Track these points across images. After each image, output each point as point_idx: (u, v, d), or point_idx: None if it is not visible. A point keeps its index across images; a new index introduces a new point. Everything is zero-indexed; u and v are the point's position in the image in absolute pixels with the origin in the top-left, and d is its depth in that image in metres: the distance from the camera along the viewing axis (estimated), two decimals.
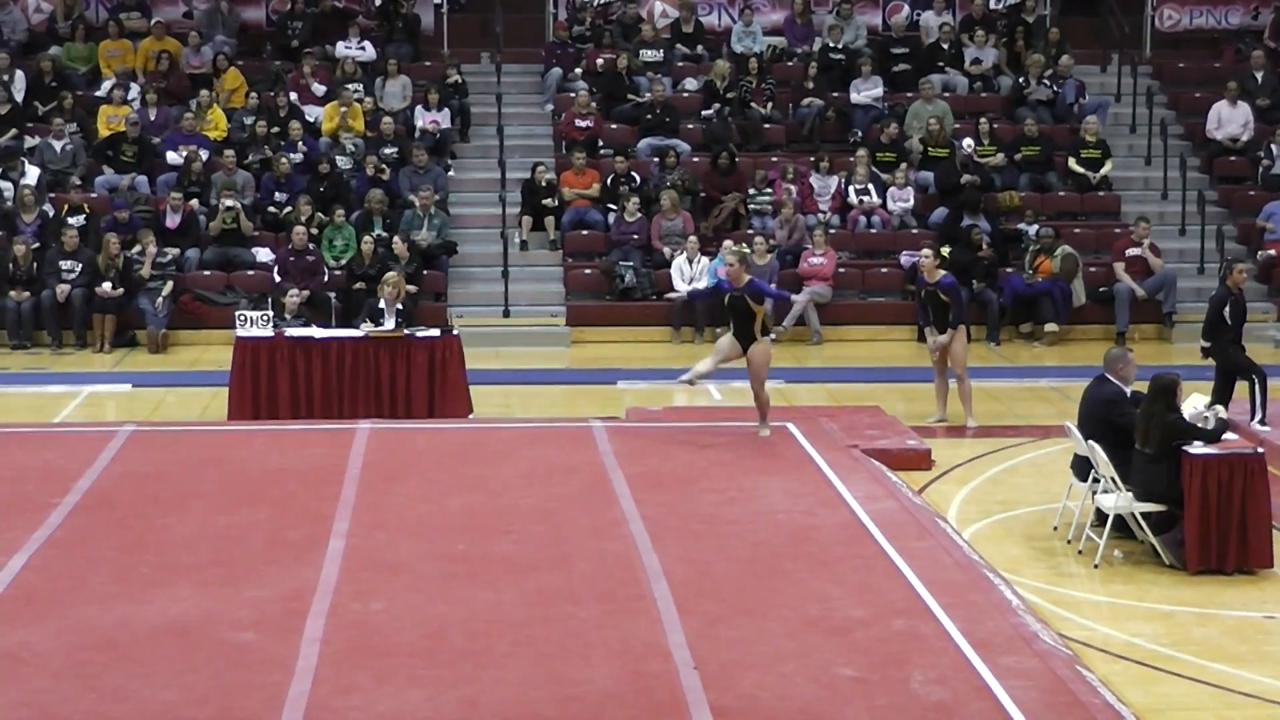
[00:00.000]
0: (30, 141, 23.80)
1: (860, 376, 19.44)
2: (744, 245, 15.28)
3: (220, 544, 11.70)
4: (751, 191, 23.46)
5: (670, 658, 9.50)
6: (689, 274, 21.99)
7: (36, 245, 21.88)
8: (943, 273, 16.72)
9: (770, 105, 24.96)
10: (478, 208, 24.14)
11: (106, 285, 21.35)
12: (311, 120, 24.36)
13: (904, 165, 23.69)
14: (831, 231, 22.85)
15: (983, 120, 24.16)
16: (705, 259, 21.98)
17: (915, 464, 14.82)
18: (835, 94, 25.10)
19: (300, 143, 23.73)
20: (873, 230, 23.33)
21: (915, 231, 23.04)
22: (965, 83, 25.61)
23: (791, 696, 9.01)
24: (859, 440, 15.00)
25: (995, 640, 9.90)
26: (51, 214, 22.54)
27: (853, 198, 23.46)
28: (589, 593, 10.69)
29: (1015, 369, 20.13)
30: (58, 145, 23.62)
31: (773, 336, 15.13)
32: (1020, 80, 25.25)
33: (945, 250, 20.50)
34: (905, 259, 22.48)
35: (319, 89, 24.80)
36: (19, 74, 24.57)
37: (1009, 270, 22.30)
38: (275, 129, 23.92)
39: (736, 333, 14.79)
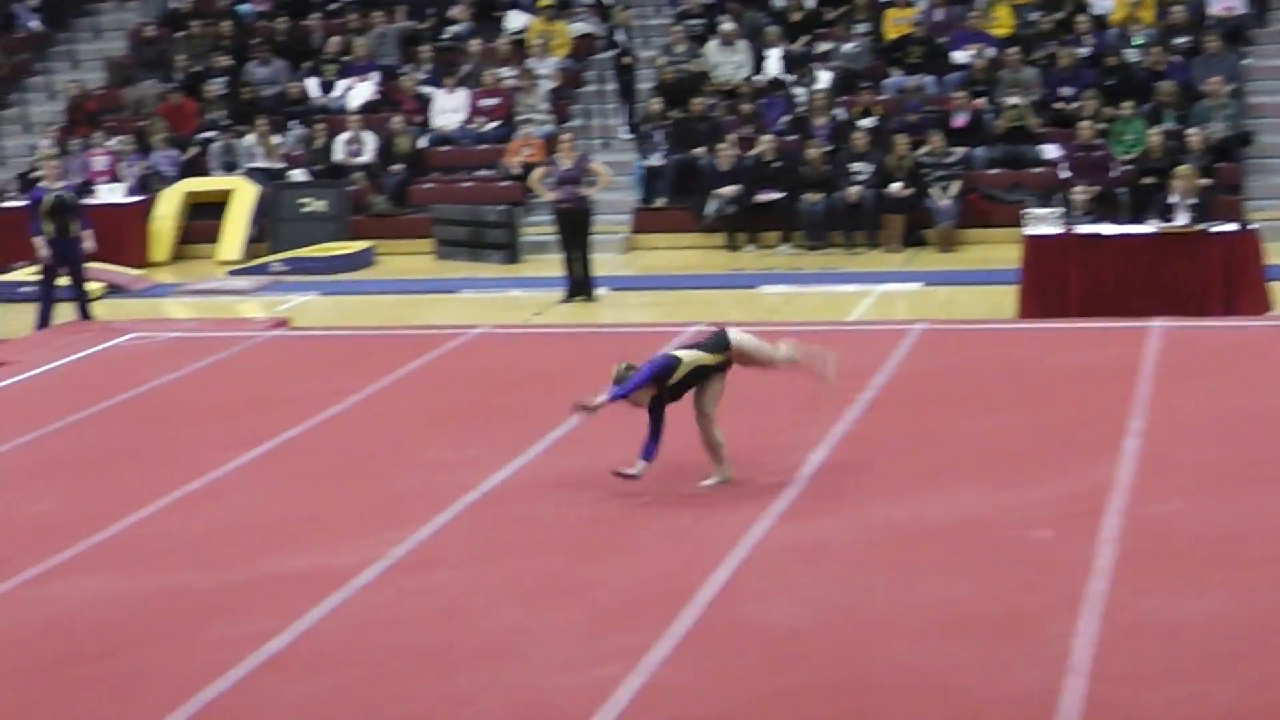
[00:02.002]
0: (822, 46, 24.31)
1: None
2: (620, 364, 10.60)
3: (1011, 441, 11.62)
4: None
5: None
6: None
7: (829, 148, 22.37)
8: None
9: None
10: (1276, 96, 23.02)
11: (896, 185, 21.61)
12: (1098, 13, 23.85)
13: None
14: None
15: None
16: None
17: None
18: None
19: (1087, 36, 23.27)
20: None
21: None
22: None
23: None
24: None
25: None
26: (843, 117, 22.98)
27: None
28: None
29: None
30: (847, 49, 24.05)
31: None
32: None
33: None
34: None
35: None
36: None
37: None
38: (1061, 23, 23.56)
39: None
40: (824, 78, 23.61)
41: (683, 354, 10.64)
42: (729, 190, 22.22)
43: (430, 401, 13.48)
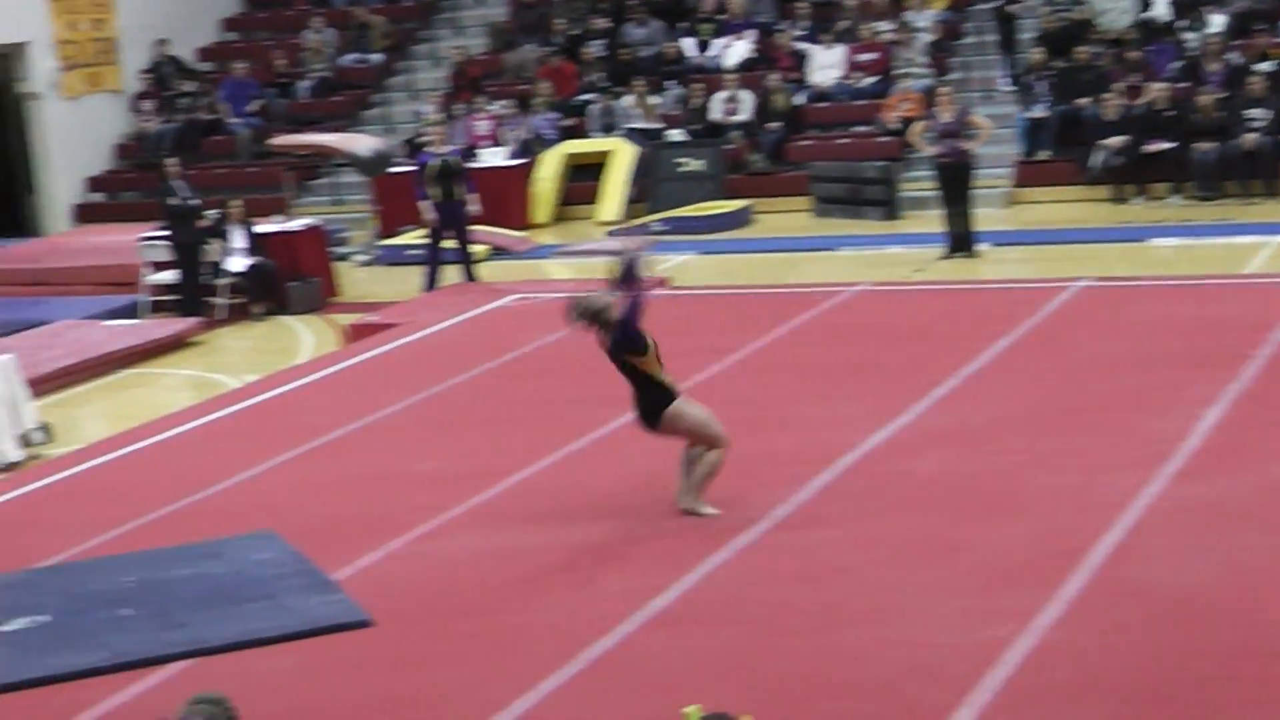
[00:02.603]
0: None
1: None
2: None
3: None
4: None
5: None
6: None
7: (1223, 95, 21.58)
8: None
9: None
10: None
11: None
12: None
13: None
14: None
15: None
16: None
17: None
18: None
19: None
20: None
21: None
22: None
23: None
24: None
25: None
26: (1238, 62, 22.16)
27: None
28: None
29: None
30: None
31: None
32: None
33: None
34: None
35: None
36: None
37: None
38: None
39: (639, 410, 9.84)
40: (1217, 21, 22.79)
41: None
42: (1116, 140, 21.60)
43: (810, 359, 13.42)
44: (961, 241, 18.77)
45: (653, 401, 9.69)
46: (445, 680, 7.94)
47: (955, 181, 18.73)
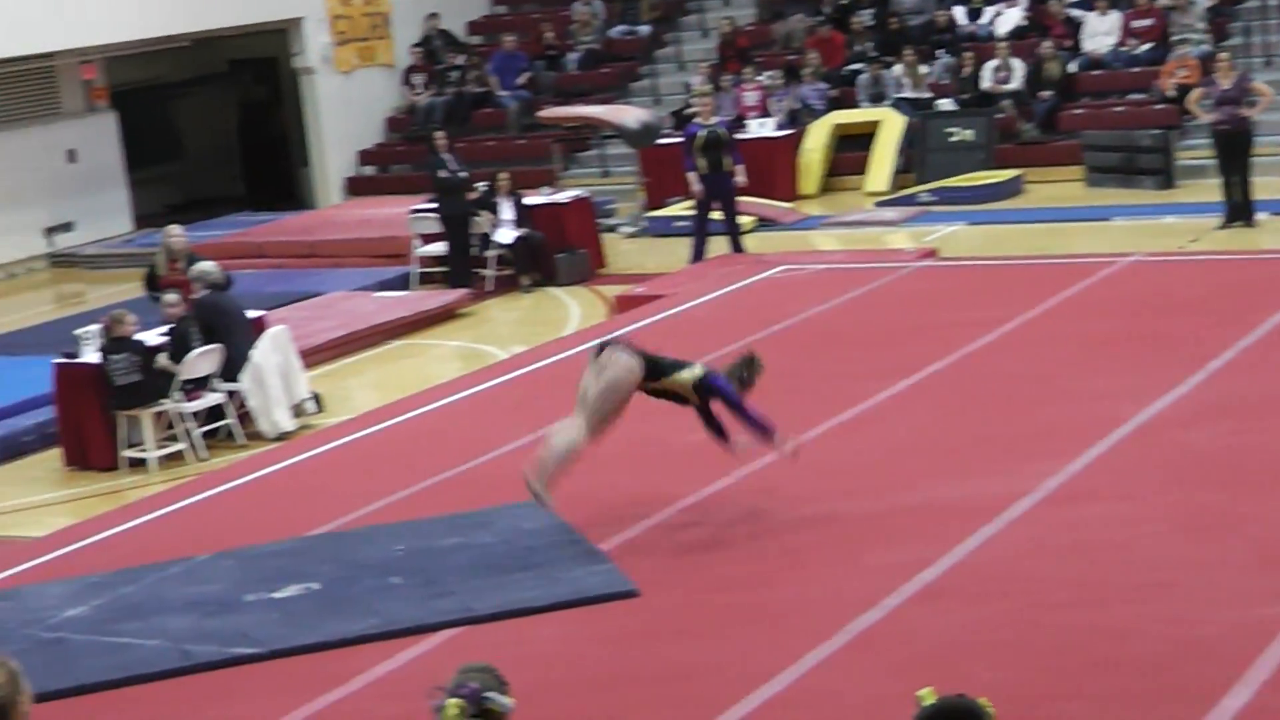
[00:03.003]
0: None
1: None
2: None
3: None
4: None
5: None
6: None
7: None
8: None
9: None
10: None
11: None
12: None
13: None
14: None
15: None
16: None
17: None
18: None
19: None
20: None
21: None
22: None
23: None
24: None
25: None
26: None
27: None
28: None
29: None
30: None
31: None
32: None
33: None
34: None
35: None
36: None
37: None
38: None
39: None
40: None
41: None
42: None
43: (1082, 331, 13.16)
44: (1240, 211, 18.27)
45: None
46: (711, 652, 7.94)
47: (1234, 149, 18.23)
